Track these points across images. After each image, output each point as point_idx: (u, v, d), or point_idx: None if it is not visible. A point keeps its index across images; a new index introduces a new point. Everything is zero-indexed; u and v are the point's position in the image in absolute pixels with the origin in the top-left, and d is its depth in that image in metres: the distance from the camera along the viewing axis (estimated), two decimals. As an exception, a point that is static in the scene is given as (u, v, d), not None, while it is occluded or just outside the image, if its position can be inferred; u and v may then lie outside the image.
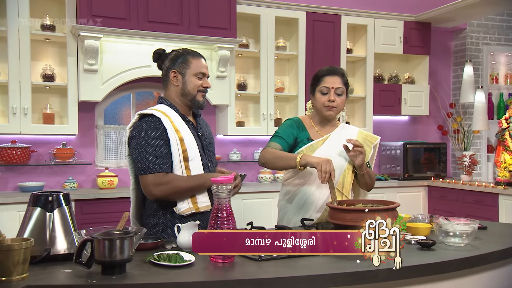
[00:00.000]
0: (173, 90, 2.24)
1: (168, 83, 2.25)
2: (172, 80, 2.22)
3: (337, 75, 2.40)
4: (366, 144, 2.45)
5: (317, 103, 2.43)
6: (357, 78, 5.39)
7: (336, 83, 2.39)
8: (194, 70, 2.21)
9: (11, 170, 4.16)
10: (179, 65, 2.21)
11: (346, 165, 2.39)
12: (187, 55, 2.22)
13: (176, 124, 2.15)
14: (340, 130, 2.49)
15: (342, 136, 2.43)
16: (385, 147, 5.54)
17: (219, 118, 4.80)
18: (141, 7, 4.07)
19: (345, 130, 2.50)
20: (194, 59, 2.22)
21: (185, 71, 2.21)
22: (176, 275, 1.54)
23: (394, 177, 5.34)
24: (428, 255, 1.81)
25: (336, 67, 2.46)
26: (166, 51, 2.28)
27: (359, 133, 2.50)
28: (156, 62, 2.28)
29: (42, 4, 4.15)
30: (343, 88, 2.41)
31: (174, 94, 2.24)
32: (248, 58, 4.90)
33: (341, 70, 2.46)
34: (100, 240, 1.52)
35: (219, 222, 1.69)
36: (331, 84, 2.38)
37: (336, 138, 2.43)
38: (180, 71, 2.21)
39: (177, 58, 2.22)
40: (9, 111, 3.88)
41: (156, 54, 2.28)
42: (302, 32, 4.84)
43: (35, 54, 4.12)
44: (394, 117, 5.71)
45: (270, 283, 1.49)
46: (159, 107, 2.21)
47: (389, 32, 5.28)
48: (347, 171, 2.39)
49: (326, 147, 2.41)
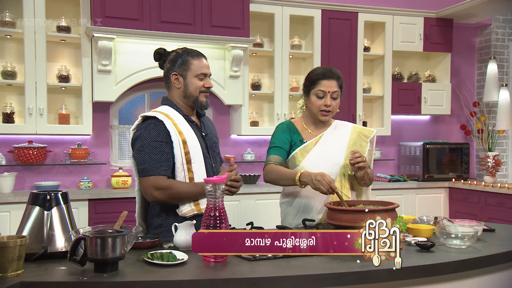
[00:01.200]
0: (175, 92, 2.27)
1: (170, 85, 2.28)
2: (174, 83, 2.25)
3: (333, 79, 2.38)
4: (361, 139, 2.46)
5: (312, 106, 2.42)
6: (375, 77, 5.36)
7: (333, 87, 2.37)
8: (195, 72, 2.24)
9: (28, 169, 4.30)
10: (179, 67, 2.23)
11: (342, 164, 2.39)
12: (187, 56, 2.24)
13: (179, 126, 2.18)
14: (333, 130, 2.49)
15: (335, 134, 2.45)
16: (404, 148, 5.49)
17: (233, 118, 4.85)
18: (154, 7, 4.14)
19: (338, 128, 2.51)
20: (194, 60, 2.24)
21: (186, 73, 2.23)
22: (167, 274, 1.58)
23: (414, 178, 5.28)
24: (425, 256, 1.80)
25: (332, 69, 2.43)
26: (166, 51, 2.31)
27: (353, 129, 2.51)
28: (158, 62, 2.32)
29: (58, 6, 4.27)
30: (339, 92, 2.41)
31: (177, 96, 2.27)
32: (263, 57, 4.93)
33: (337, 72, 2.43)
34: (92, 238, 1.58)
35: (212, 221, 1.73)
36: (328, 88, 2.36)
37: (329, 137, 2.45)
38: (181, 73, 2.24)
39: (177, 60, 2.24)
40: (26, 112, 4.02)
41: (157, 54, 2.31)
42: (317, 31, 4.84)
43: (51, 55, 4.25)
44: (414, 117, 5.65)
45: (256, 282, 1.52)
46: (163, 108, 2.25)
47: (408, 29, 5.23)
48: (343, 170, 2.40)
49: (319, 147, 2.42)
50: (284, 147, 2.43)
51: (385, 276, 1.63)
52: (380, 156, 5.37)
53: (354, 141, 2.45)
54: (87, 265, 1.60)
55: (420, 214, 4.82)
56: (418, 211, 4.93)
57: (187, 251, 1.82)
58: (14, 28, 4.07)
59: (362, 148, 2.44)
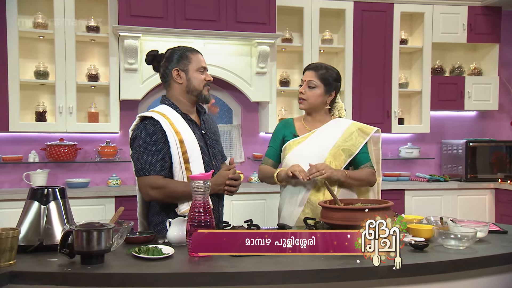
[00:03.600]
0: (177, 88, 2.37)
1: (170, 82, 2.38)
2: (176, 78, 2.35)
3: (311, 70, 2.58)
4: (358, 135, 2.54)
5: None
6: (413, 71, 5.27)
7: (309, 76, 2.55)
8: (195, 65, 2.34)
9: (60, 166, 4.57)
10: (180, 62, 2.33)
11: (325, 157, 2.49)
12: (185, 52, 2.35)
13: (176, 125, 2.28)
14: (328, 126, 2.58)
15: (329, 129, 2.55)
16: (446, 146, 5.37)
17: (261, 115, 4.93)
18: (178, 5, 4.29)
19: (335, 124, 2.59)
20: (193, 55, 2.35)
21: (187, 68, 2.34)
22: (149, 267, 1.69)
23: (456, 178, 5.16)
24: (417, 256, 1.81)
25: (318, 63, 2.61)
26: (159, 52, 2.42)
27: (351, 125, 2.58)
28: (151, 64, 2.43)
29: (87, 6, 4.51)
30: (317, 82, 2.53)
31: (178, 93, 2.37)
32: (292, 52, 4.97)
33: (321, 65, 2.58)
34: (78, 231, 1.71)
35: (197, 217, 1.82)
36: (305, 77, 2.57)
37: (322, 132, 2.55)
38: (183, 68, 2.34)
39: (176, 56, 2.34)
40: (56, 110, 4.28)
41: (150, 56, 2.41)
42: (349, 24, 4.83)
43: (82, 55, 4.50)
44: (458, 113, 5.50)
45: (223, 277, 1.60)
46: (160, 108, 2.36)
47: (450, 19, 5.10)
48: (327, 162, 2.48)
49: (308, 141, 2.54)
50: (275, 146, 2.65)
51: (366, 274, 1.66)
52: (419, 155, 5.27)
53: (347, 137, 2.53)
54: (76, 257, 1.74)
55: (462, 217, 4.71)
56: (459, 214, 4.82)
57: (179, 246, 1.92)
58: (46, 29, 4.33)
59: (355, 144, 2.52)
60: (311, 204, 2.46)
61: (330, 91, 2.56)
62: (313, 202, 2.46)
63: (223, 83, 4.70)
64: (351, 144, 2.51)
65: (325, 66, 2.58)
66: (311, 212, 2.46)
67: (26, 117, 4.41)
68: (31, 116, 4.42)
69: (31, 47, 4.45)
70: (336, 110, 2.65)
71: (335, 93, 2.59)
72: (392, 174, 5.08)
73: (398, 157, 5.32)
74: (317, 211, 2.40)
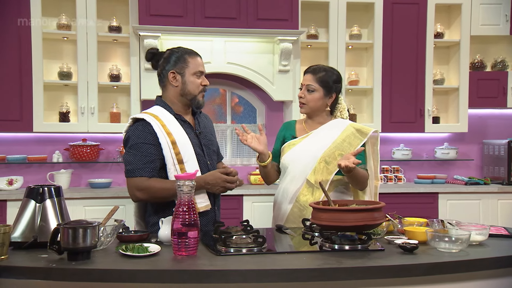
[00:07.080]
0: (171, 90, 2.50)
1: (166, 84, 2.51)
2: (171, 81, 2.48)
3: (309, 73, 2.65)
4: (355, 136, 2.59)
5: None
6: (451, 66, 5.21)
7: (307, 80, 2.63)
8: (192, 69, 2.46)
9: (84, 166, 4.82)
10: (177, 65, 2.45)
11: (318, 158, 2.55)
12: (184, 54, 2.46)
13: (169, 127, 2.40)
14: (326, 127, 2.66)
15: (326, 131, 2.63)
16: (488, 146, 5.26)
17: (285, 115, 5.01)
18: (198, 3, 4.44)
19: (333, 126, 2.65)
20: (191, 58, 2.46)
21: (184, 71, 2.46)
22: (132, 264, 1.81)
23: (498, 181, 5.05)
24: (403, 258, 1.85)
25: (316, 66, 2.67)
26: (159, 50, 2.55)
27: (348, 126, 2.63)
28: (150, 62, 2.56)
29: (109, 6, 4.73)
30: (316, 86, 2.61)
31: (172, 95, 2.50)
32: (318, 49, 5.02)
33: (320, 68, 2.64)
34: (64, 228, 1.86)
35: (181, 215, 1.93)
36: (304, 81, 2.67)
37: (319, 134, 2.64)
38: (179, 71, 2.46)
39: (174, 58, 2.46)
40: (78, 111, 4.52)
41: (150, 53, 2.55)
42: (378, 18, 4.84)
43: (104, 55, 4.73)
44: (501, 111, 5.39)
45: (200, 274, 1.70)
46: (153, 109, 2.49)
47: (491, 10, 5.02)
48: (318, 166, 2.55)
49: (304, 142, 2.64)
50: (276, 148, 2.81)
51: (344, 275, 1.72)
52: (456, 156, 5.20)
53: (343, 139, 2.58)
54: (65, 254, 1.89)
55: (502, 223, 4.64)
56: (500, 219, 4.73)
57: (169, 245, 2.04)
58: (70, 30, 4.58)
59: (351, 145, 2.56)
60: (300, 204, 2.55)
61: (330, 94, 2.64)
62: (301, 202, 2.54)
63: (245, 82, 4.81)
64: (348, 144, 2.56)
65: (324, 68, 2.66)
66: (298, 212, 2.54)
67: (50, 118, 4.68)
68: (55, 117, 4.68)
69: (55, 48, 4.72)
70: (338, 112, 2.72)
71: (335, 95, 2.66)
72: (425, 176, 5.03)
73: (434, 158, 5.26)
74: (304, 211, 2.53)
